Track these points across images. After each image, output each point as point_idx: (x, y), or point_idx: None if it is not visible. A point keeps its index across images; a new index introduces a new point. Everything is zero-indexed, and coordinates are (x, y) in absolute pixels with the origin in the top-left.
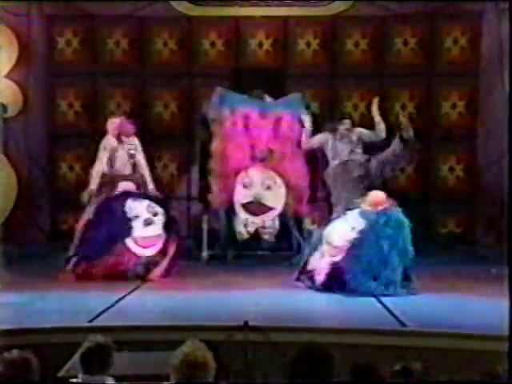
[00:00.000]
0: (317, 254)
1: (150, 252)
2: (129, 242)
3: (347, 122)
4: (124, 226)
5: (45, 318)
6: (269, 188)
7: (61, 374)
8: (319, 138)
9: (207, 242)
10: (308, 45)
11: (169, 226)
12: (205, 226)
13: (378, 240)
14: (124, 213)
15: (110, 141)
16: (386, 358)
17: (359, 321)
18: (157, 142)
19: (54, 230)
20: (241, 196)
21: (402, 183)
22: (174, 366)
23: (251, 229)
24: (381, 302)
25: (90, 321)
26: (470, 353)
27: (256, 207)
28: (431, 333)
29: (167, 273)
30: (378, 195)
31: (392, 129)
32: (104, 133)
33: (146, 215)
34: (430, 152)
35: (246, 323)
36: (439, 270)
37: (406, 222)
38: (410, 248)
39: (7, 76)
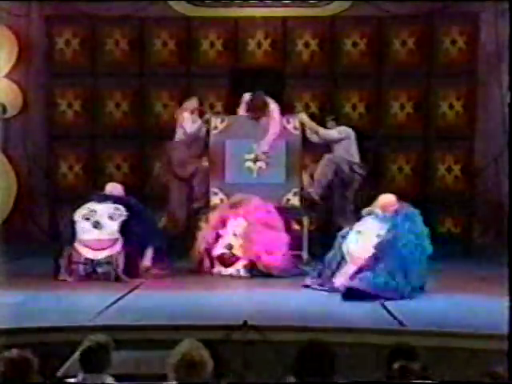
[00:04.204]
0: (344, 266)
1: (102, 255)
2: (76, 244)
3: None
4: (69, 229)
5: (44, 317)
6: (236, 235)
7: (60, 373)
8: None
9: None
10: (306, 45)
11: (126, 230)
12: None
13: (400, 242)
14: (72, 215)
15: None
16: (385, 358)
17: (359, 321)
18: (156, 142)
19: (54, 230)
20: (215, 248)
21: (400, 183)
22: (171, 365)
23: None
24: (380, 302)
25: (90, 320)
26: (470, 353)
27: (227, 258)
28: (430, 332)
29: (129, 274)
30: (388, 197)
31: None
32: (102, 133)
33: (96, 218)
34: (427, 152)
35: (245, 322)
36: (437, 270)
37: (419, 218)
38: (428, 245)
39: (7, 76)
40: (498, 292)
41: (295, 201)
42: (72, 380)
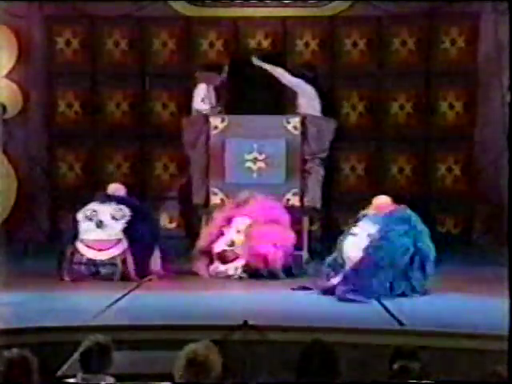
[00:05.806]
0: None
1: (104, 255)
2: (78, 244)
3: None
4: (73, 229)
5: (45, 317)
6: (239, 232)
7: (60, 373)
8: None
9: None
10: (307, 45)
11: (130, 231)
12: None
13: (392, 244)
14: (75, 215)
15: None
16: (385, 358)
17: (359, 321)
18: (156, 142)
19: (54, 230)
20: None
21: (400, 183)
22: (176, 365)
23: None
24: (380, 302)
25: (90, 320)
26: (470, 353)
27: (227, 255)
28: (431, 333)
29: (138, 275)
30: (382, 199)
31: None
32: (102, 133)
33: (99, 218)
34: (427, 152)
35: (245, 322)
36: (437, 270)
37: (415, 219)
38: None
39: (7, 76)
40: (498, 292)
41: (295, 201)
42: (72, 380)
